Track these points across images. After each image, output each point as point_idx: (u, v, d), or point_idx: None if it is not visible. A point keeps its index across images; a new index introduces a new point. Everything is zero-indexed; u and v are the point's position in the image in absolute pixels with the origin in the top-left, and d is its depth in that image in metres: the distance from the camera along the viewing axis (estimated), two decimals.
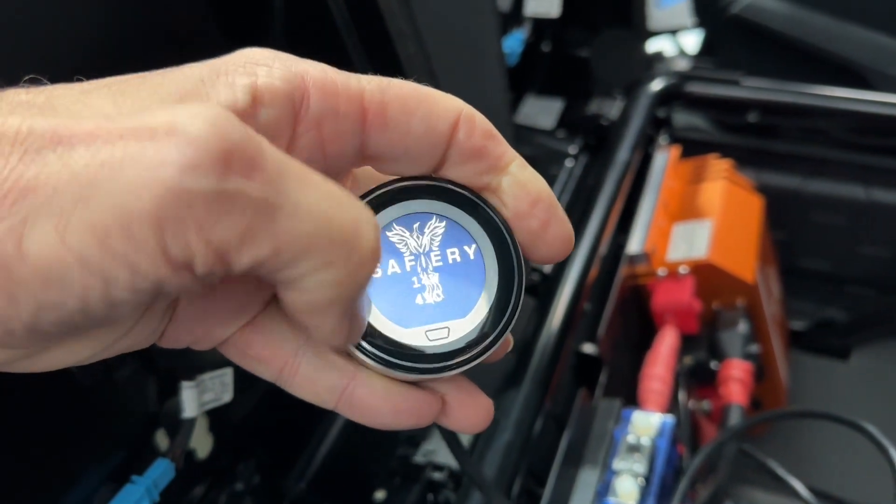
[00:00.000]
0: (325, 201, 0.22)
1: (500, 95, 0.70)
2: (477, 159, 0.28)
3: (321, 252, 0.21)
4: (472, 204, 0.29)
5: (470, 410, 0.30)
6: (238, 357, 0.29)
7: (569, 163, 0.96)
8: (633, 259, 0.85)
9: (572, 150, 0.97)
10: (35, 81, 0.25)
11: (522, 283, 0.29)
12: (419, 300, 0.28)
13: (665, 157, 0.96)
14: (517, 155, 0.29)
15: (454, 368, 0.28)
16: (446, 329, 0.28)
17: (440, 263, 0.29)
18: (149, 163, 0.20)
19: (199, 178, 0.20)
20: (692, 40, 1.33)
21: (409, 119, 0.27)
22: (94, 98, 0.24)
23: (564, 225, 0.29)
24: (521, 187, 0.28)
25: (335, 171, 0.28)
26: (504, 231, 0.29)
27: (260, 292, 0.28)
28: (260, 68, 0.25)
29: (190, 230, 0.20)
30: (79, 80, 0.25)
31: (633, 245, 0.86)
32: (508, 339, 0.30)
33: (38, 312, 0.20)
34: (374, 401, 0.28)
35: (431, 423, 0.30)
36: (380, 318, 0.28)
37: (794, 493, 0.77)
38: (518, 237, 0.29)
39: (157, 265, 0.20)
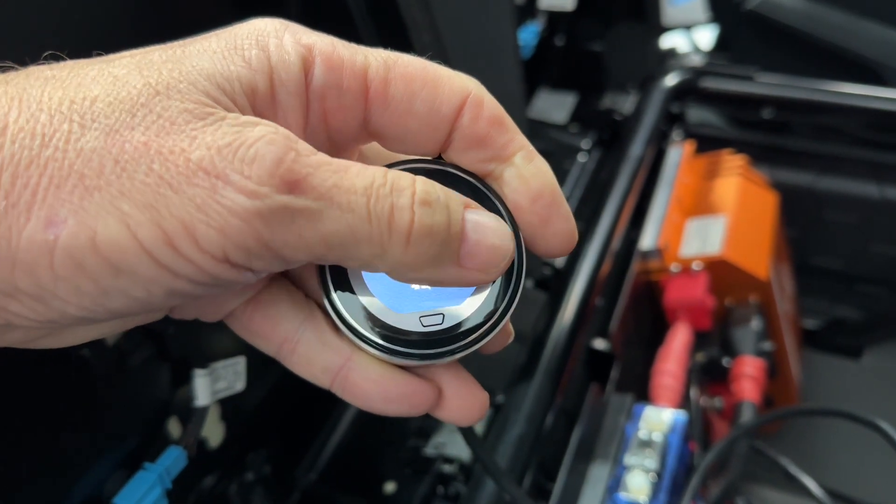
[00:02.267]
0: (363, 195, 0.23)
1: (514, 88, 0.70)
2: (480, 146, 0.28)
3: (367, 243, 0.24)
4: (476, 191, 0.28)
5: (465, 402, 0.30)
6: (241, 330, 0.30)
7: (581, 157, 0.96)
8: (646, 254, 0.85)
9: (585, 144, 0.97)
10: (55, 57, 0.25)
11: (522, 272, 0.28)
12: (415, 285, 0.28)
13: (679, 153, 0.96)
14: (525, 144, 0.28)
15: (447, 356, 0.28)
16: (441, 315, 0.28)
17: None
18: (211, 186, 0.22)
19: (259, 200, 0.22)
20: (706, 36, 1.33)
21: (412, 99, 0.27)
22: (118, 69, 0.24)
23: (566, 223, 0.28)
24: (522, 181, 0.28)
25: (340, 144, 0.28)
26: (507, 221, 0.28)
27: None
28: (271, 40, 0.26)
29: (250, 242, 0.22)
30: (98, 55, 0.25)
31: (646, 240, 0.85)
32: (508, 330, 0.30)
33: (101, 299, 0.22)
34: (366, 385, 0.29)
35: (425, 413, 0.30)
36: (375, 302, 0.27)
37: (806, 492, 0.77)
38: (520, 229, 0.29)
39: (220, 267, 0.22)
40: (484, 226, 0.26)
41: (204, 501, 0.54)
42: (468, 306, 0.28)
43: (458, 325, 0.28)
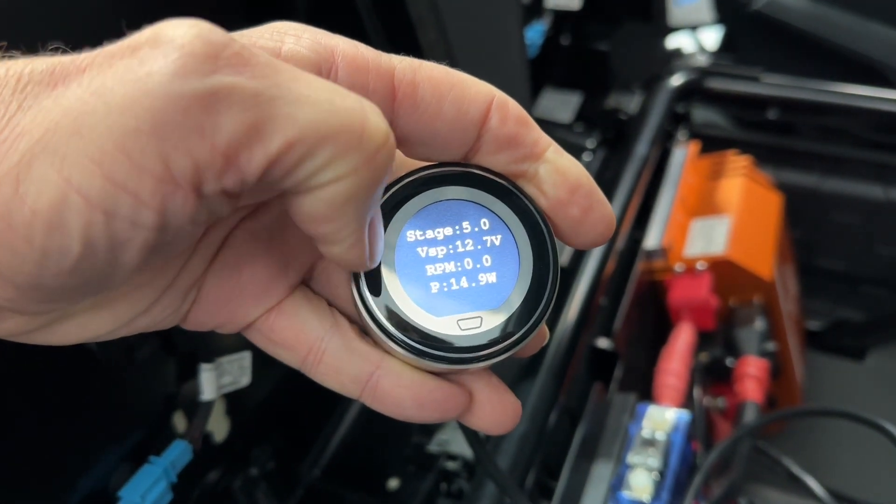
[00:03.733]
0: (324, 91, 0.21)
1: (521, 87, 0.70)
2: (512, 147, 0.27)
3: (334, 140, 0.21)
4: (507, 192, 0.28)
5: (497, 408, 0.29)
6: (263, 342, 0.29)
7: (586, 157, 0.96)
8: (651, 254, 0.85)
9: (590, 143, 0.97)
10: (59, 51, 0.25)
11: (558, 274, 0.28)
12: (451, 289, 0.27)
13: (684, 153, 0.96)
14: (552, 141, 0.28)
15: (485, 360, 0.27)
16: (479, 319, 0.27)
17: (473, 252, 0.28)
18: (136, 77, 0.19)
19: (188, 81, 0.19)
20: (711, 37, 1.32)
21: (440, 102, 0.26)
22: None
23: (605, 208, 0.28)
24: (559, 174, 0.28)
25: None
26: (539, 221, 0.28)
27: (286, 275, 0.28)
28: (287, 37, 0.25)
29: (191, 137, 0.19)
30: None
31: (651, 240, 0.85)
32: (544, 332, 0.29)
33: (42, 261, 0.19)
34: (399, 391, 0.27)
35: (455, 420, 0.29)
36: (410, 306, 0.27)
37: (808, 492, 0.77)
38: (558, 224, 0.28)
39: (161, 186, 0.19)
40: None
41: (208, 496, 0.54)
42: (506, 309, 0.27)
43: (496, 328, 0.27)
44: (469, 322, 0.27)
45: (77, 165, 0.19)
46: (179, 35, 0.19)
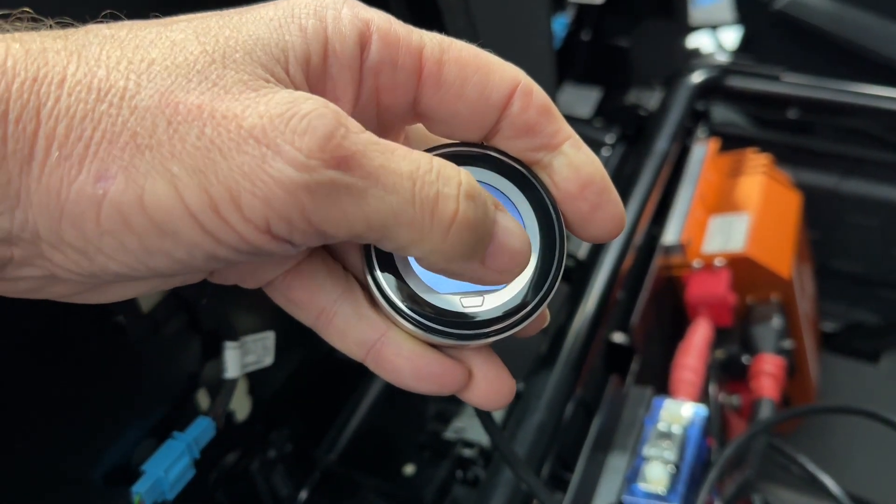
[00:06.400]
0: (408, 178, 0.24)
1: (547, 76, 0.70)
2: (530, 135, 0.28)
3: (408, 227, 0.24)
4: (523, 178, 0.29)
5: (493, 385, 0.30)
6: (279, 299, 0.30)
7: (605, 152, 0.96)
8: (669, 250, 0.85)
9: (609, 139, 0.97)
10: (114, 17, 0.26)
11: (563, 260, 0.29)
12: None
13: (703, 150, 0.95)
14: (572, 133, 0.29)
15: (485, 337, 0.28)
16: (481, 298, 0.28)
17: None
18: (261, 155, 0.22)
19: (305, 173, 0.22)
20: (731, 36, 1.32)
21: (463, 84, 0.27)
22: (176, 34, 0.24)
23: (615, 207, 0.29)
24: (573, 169, 0.28)
25: (387, 123, 0.29)
26: (551, 209, 0.29)
27: None
28: (329, 11, 0.26)
29: (293, 213, 0.22)
30: (155, 16, 0.26)
31: (669, 236, 0.85)
32: (544, 315, 0.30)
33: (144, 257, 0.22)
34: (399, 361, 0.29)
35: (453, 394, 0.30)
36: (416, 280, 0.28)
37: (823, 490, 0.77)
38: (567, 216, 0.29)
39: (261, 236, 0.22)
40: (510, 230, 0.26)
41: (227, 477, 0.55)
42: (509, 290, 0.28)
43: (498, 308, 0.28)
44: (472, 299, 0.28)
45: (196, 195, 0.22)
46: (304, 127, 0.22)
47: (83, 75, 0.22)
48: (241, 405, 0.52)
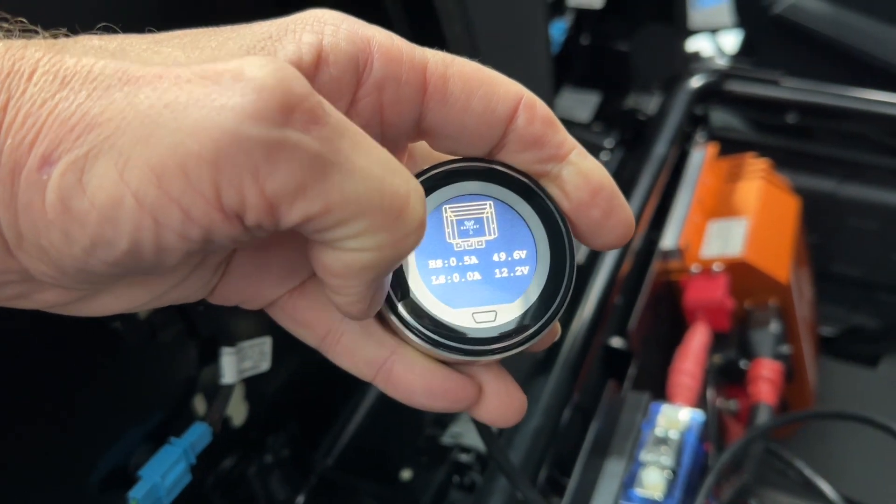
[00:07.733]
0: (379, 166, 0.22)
1: (545, 82, 0.70)
2: (537, 147, 0.28)
3: (371, 216, 0.22)
4: (529, 190, 0.29)
5: (504, 401, 0.30)
6: (285, 320, 0.30)
7: (604, 156, 0.96)
8: (667, 254, 0.85)
9: (608, 143, 0.97)
10: (108, 30, 0.26)
11: (574, 273, 0.28)
12: (468, 282, 0.28)
13: (702, 154, 0.95)
14: (576, 143, 0.29)
15: (497, 353, 0.28)
16: (493, 312, 0.28)
17: (493, 247, 0.29)
18: (211, 106, 0.20)
19: (259, 126, 0.20)
20: (731, 40, 1.32)
21: (469, 97, 0.27)
22: (165, 47, 0.24)
23: (625, 212, 0.29)
24: (582, 177, 0.28)
25: (391, 140, 0.28)
26: (559, 220, 0.29)
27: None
28: (327, 27, 0.25)
29: (245, 177, 0.20)
30: (150, 31, 0.26)
31: (667, 240, 0.85)
32: (556, 329, 0.30)
33: (91, 249, 0.21)
34: (411, 378, 0.28)
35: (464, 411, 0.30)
36: (427, 296, 0.28)
37: (820, 496, 0.77)
38: (578, 225, 0.29)
39: (209, 210, 0.20)
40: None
41: (223, 482, 0.55)
42: (520, 305, 0.28)
43: (510, 323, 0.28)
44: (484, 315, 0.28)
45: (138, 171, 0.20)
46: (262, 77, 0.20)
47: (52, 65, 0.21)
48: (237, 410, 0.52)
